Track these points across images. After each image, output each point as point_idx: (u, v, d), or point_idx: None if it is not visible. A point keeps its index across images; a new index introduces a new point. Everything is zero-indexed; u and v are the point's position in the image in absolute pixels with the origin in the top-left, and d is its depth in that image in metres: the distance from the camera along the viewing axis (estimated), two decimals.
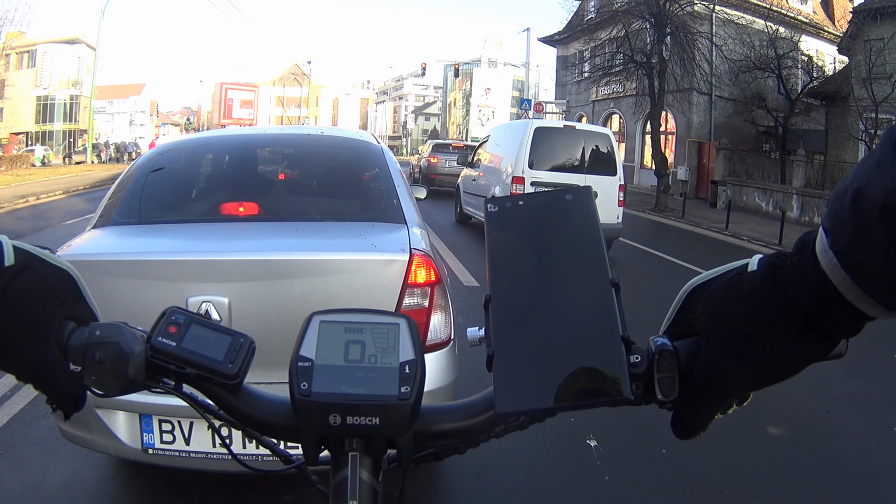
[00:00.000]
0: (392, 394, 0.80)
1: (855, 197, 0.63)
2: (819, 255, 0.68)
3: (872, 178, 0.61)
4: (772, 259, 0.74)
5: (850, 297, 0.66)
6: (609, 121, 38.29)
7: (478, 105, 78.37)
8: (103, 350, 0.80)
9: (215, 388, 0.87)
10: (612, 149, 13.25)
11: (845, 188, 0.64)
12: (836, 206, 0.65)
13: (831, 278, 0.66)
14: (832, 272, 0.66)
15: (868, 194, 0.61)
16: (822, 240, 0.67)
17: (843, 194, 0.64)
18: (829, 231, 0.66)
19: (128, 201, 3.77)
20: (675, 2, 24.50)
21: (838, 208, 0.65)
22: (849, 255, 0.64)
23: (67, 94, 62.37)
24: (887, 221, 0.59)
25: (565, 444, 4.44)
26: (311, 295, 3.00)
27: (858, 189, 0.62)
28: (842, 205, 0.64)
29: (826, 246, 0.66)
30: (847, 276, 0.65)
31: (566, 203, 0.86)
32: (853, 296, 0.66)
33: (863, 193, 0.62)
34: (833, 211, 0.66)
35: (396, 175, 4.05)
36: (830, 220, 0.66)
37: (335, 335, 0.84)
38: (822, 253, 0.67)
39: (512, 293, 0.80)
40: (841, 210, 0.64)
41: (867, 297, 0.65)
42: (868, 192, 0.61)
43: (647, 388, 0.79)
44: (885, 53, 23.05)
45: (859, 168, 0.64)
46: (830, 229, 0.66)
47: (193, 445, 2.95)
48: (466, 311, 7.29)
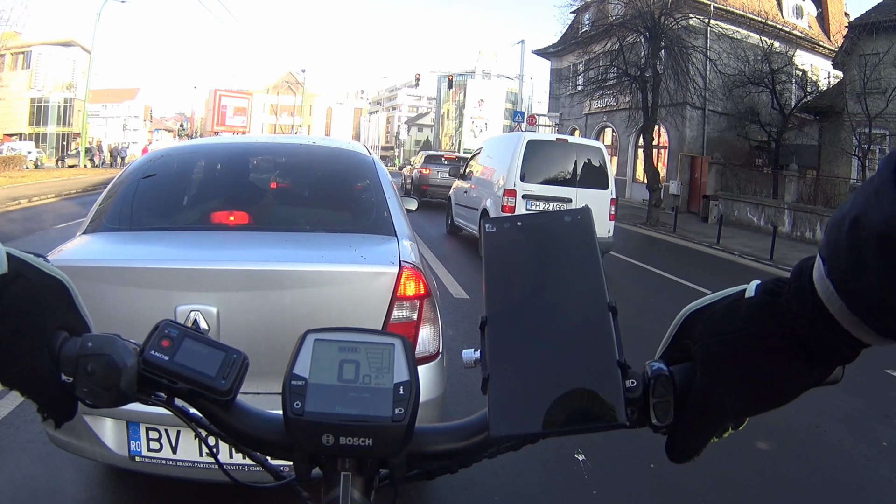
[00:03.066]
0: (386, 415, 0.79)
1: (853, 225, 0.62)
2: (816, 283, 0.68)
3: (871, 206, 0.61)
4: (769, 285, 0.74)
5: (847, 324, 0.66)
6: (602, 134, 38.37)
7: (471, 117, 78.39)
8: (95, 362, 0.80)
9: (207, 404, 0.86)
10: (605, 162, 13.27)
11: (843, 216, 0.64)
12: (834, 234, 0.65)
13: (827, 306, 0.66)
14: (829, 300, 0.66)
15: (866, 222, 0.61)
16: (820, 267, 0.67)
17: (841, 222, 0.64)
18: (826, 259, 0.66)
19: (119, 207, 3.76)
20: (669, 16, 24.63)
21: (836, 236, 0.65)
22: (845, 283, 0.64)
23: (62, 97, 62.28)
24: (884, 250, 0.59)
25: (553, 458, 4.44)
26: (300, 306, 3.00)
27: (856, 217, 0.62)
28: (839, 233, 0.64)
29: (823, 274, 0.66)
30: (843, 304, 0.65)
31: (565, 224, 0.85)
32: (849, 323, 0.66)
33: (860, 221, 0.62)
34: (830, 239, 0.66)
35: (387, 186, 4.04)
36: (828, 249, 0.66)
37: (329, 354, 0.83)
38: (819, 281, 0.67)
39: (508, 315, 0.79)
40: (838, 238, 0.64)
41: (863, 325, 0.65)
42: (866, 220, 0.61)
43: (643, 412, 0.79)
44: (880, 68, 23.14)
45: (857, 196, 0.64)
46: (828, 257, 0.66)
47: (180, 454, 2.95)
48: (456, 324, 7.29)
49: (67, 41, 62.51)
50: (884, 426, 5.75)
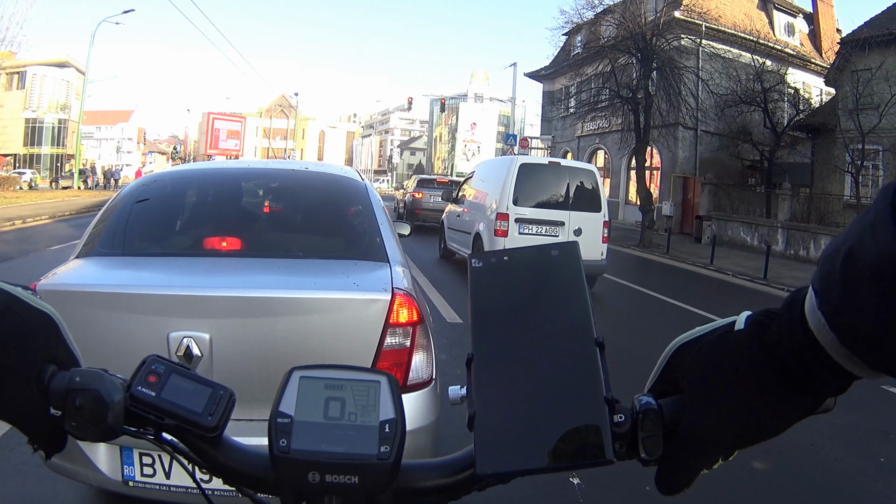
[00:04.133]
0: (371, 453, 0.79)
1: (847, 258, 0.62)
2: (808, 315, 0.67)
3: (866, 238, 0.60)
4: (759, 317, 0.73)
5: (838, 357, 0.65)
6: (594, 156, 38.50)
7: (463, 140, 78.71)
8: (83, 397, 0.80)
9: (194, 440, 0.86)
10: (597, 185, 13.31)
11: (837, 248, 0.64)
12: (827, 265, 0.64)
13: (818, 338, 0.66)
14: (820, 333, 0.66)
15: (860, 255, 0.60)
16: (812, 299, 0.67)
17: (835, 254, 0.63)
18: (818, 291, 0.66)
19: (112, 231, 3.76)
20: (661, 36, 24.78)
21: (829, 268, 0.64)
22: (837, 316, 0.63)
23: (56, 118, 62.32)
24: (878, 284, 0.59)
25: (547, 481, 4.41)
26: (293, 333, 3.00)
27: (851, 249, 0.61)
28: (833, 265, 0.63)
29: (815, 306, 0.66)
30: (835, 336, 0.64)
31: (551, 259, 0.86)
32: (840, 356, 0.65)
33: (855, 254, 0.61)
34: (823, 271, 0.65)
35: (380, 212, 4.05)
36: (821, 281, 0.65)
37: (315, 391, 0.83)
38: (810, 313, 0.67)
39: (495, 352, 0.79)
40: (832, 271, 0.63)
41: (854, 358, 0.64)
42: (860, 253, 0.60)
43: (631, 446, 0.79)
44: (872, 84, 23.19)
45: (852, 228, 0.63)
46: (820, 290, 0.65)
47: (174, 479, 2.93)
48: (449, 348, 7.27)
49: (62, 62, 62.61)
50: (881, 442, 5.76)
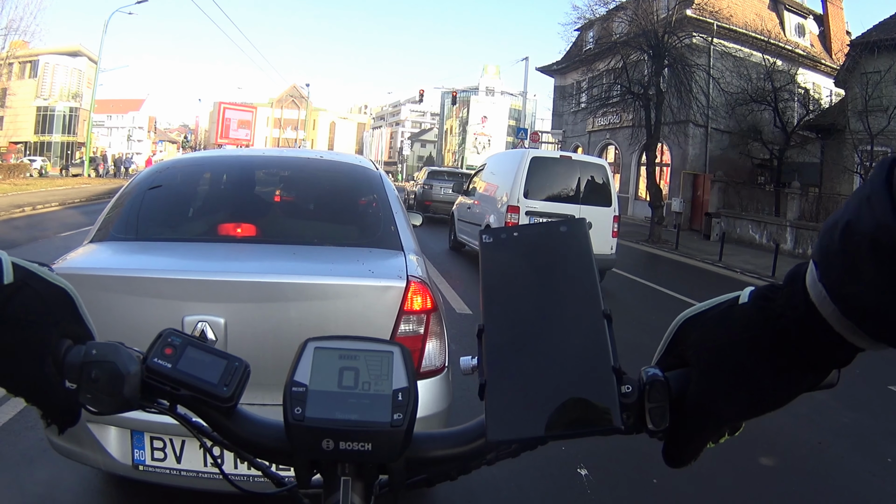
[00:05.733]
0: (385, 420, 0.81)
1: (845, 230, 0.63)
2: (809, 288, 0.68)
3: (863, 211, 0.62)
4: (763, 291, 0.75)
5: (840, 328, 0.66)
6: (605, 152, 38.43)
7: (474, 133, 78.51)
8: (99, 369, 0.81)
9: (209, 411, 0.88)
10: (608, 180, 13.28)
11: (835, 221, 0.65)
12: (826, 238, 0.66)
13: (820, 310, 0.67)
14: (821, 304, 0.67)
15: (858, 227, 0.62)
16: (813, 272, 0.68)
17: (833, 227, 0.65)
18: (818, 264, 0.67)
19: (126, 217, 3.77)
20: (673, 34, 24.68)
21: (828, 241, 0.65)
22: (838, 287, 0.65)
23: (67, 107, 62.46)
24: (876, 254, 0.60)
25: (555, 473, 4.43)
26: (308, 318, 3.00)
27: (848, 222, 0.63)
28: (831, 238, 0.65)
29: (816, 278, 0.67)
30: (836, 308, 0.65)
31: (560, 234, 0.87)
32: (842, 327, 0.66)
33: (853, 226, 0.62)
34: (823, 244, 0.66)
35: (394, 201, 4.06)
36: (820, 253, 0.67)
37: (329, 361, 0.84)
38: (811, 285, 0.68)
39: (505, 323, 0.81)
40: (831, 243, 0.65)
41: (857, 330, 0.65)
42: (858, 225, 0.62)
43: (638, 417, 0.80)
44: (881, 86, 23.13)
45: (850, 201, 0.65)
46: (820, 262, 0.66)
47: (184, 463, 2.95)
48: (459, 339, 7.27)
49: (74, 50, 62.73)
50: (888, 442, 5.74)
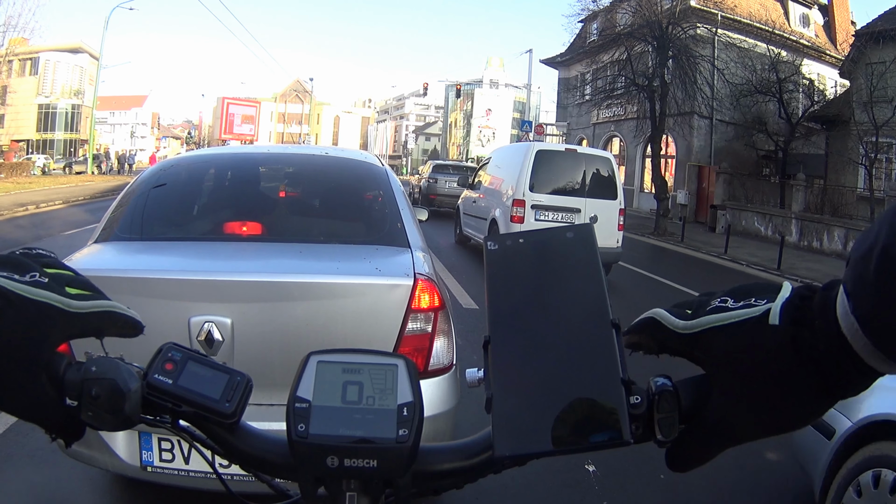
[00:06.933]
0: (390, 437, 0.79)
1: (882, 257, 0.61)
2: (840, 319, 0.66)
3: None
4: (793, 313, 0.72)
5: (871, 361, 0.65)
6: (609, 144, 38.38)
7: (479, 126, 78.46)
8: (99, 386, 0.79)
9: (212, 426, 0.86)
10: (613, 172, 13.29)
11: (870, 248, 0.62)
12: (860, 268, 0.63)
13: (851, 343, 0.65)
14: (853, 338, 0.65)
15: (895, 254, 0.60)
16: (844, 303, 0.66)
17: (868, 255, 0.62)
18: (850, 295, 0.65)
19: (130, 216, 3.75)
20: (677, 25, 24.63)
21: (862, 271, 0.63)
22: (872, 320, 0.63)
23: (69, 104, 62.42)
24: None
25: (563, 469, 4.43)
26: (315, 318, 2.99)
27: (885, 248, 0.60)
28: (866, 267, 0.62)
29: (847, 310, 0.65)
30: (868, 342, 0.64)
31: (566, 241, 0.85)
32: (873, 360, 0.65)
33: (890, 253, 0.60)
34: (856, 274, 0.64)
35: (400, 197, 4.04)
36: (853, 284, 0.64)
37: (333, 376, 0.83)
38: (843, 317, 0.66)
39: (511, 334, 0.79)
40: (865, 273, 0.62)
41: (888, 361, 0.64)
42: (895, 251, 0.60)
43: (647, 427, 0.78)
44: (886, 77, 23.06)
45: (882, 226, 0.62)
46: (853, 293, 0.64)
47: (192, 465, 2.94)
48: (465, 334, 7.25)
49: (75, 47, 62.71)
50: None
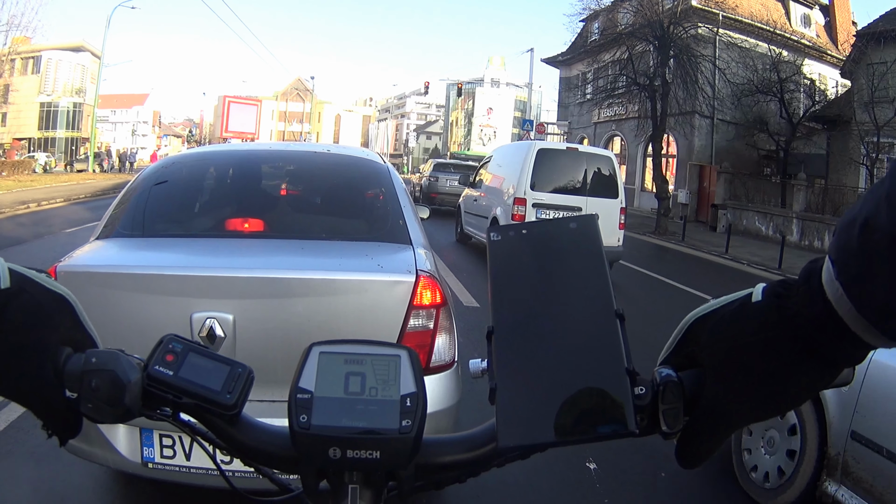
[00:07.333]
0: (393, 427, 0.78)
1: (863, 228, 0.62)
2: (825, 286, 0.67)
3: (881, 209, 0.61)
4: (776, 289, 0.74)
5: (855, 327, 0.66)
6: (611, 143, 38.34)
7: (480, 125, 78.24)
8: (99, 378, 0.79)
9: (213, 418, 0.85)
10: (615, 171, 13.27)
11: (853, 218, 0.64)
12: (844, 236, 0.65)
13: (837, 309, 0.66)
14: (838, 303, 0.66)
15: (877, 225, 0.61)
16: (829, 270, 0.67)
17: (851, 225, 0.64)
18: (835, 262, 0.66)
19: (132, 213, 3.75)
20: (679, 25, 24.63)
21: (846, 239, 0.65)
22: (855, 286, 0.64)
23: (71, 102, 62.37)
24: (894, 253, 0.60)
25: (564, 467, 4.42)
26: (317, 314, 2.99)
27: (867, 219, 0.62)
28: (849, 235, 0.64)
29: (832, 276, 0.66)
30: (853, 306, 0.65)
31: (570, 231, 0.85)
32: (858, 326, 0.66)
33: (871, 224, 0.62)
34: (840, 241, 0.66)
35: (402, 195, 4.04)
36: (837, 251, 0.66)
37: (335, 367, 0.82)
38: (828, 283, 0.67)
39: (515, 325, 0.79)
40: (848, 241, 0.64)
41: (872, 328, 0.65)
42: (877, 223, 0.61)
43: (652, 419, 0.78)
44: (887, 77, 23.05)
45: (867, 198, 0.64)
46: (837, 260, 0.66)
47: (194, 461, 2.93)
48: (467, 332, 7.26)
49: (77, 46, 62.66)
50: None
